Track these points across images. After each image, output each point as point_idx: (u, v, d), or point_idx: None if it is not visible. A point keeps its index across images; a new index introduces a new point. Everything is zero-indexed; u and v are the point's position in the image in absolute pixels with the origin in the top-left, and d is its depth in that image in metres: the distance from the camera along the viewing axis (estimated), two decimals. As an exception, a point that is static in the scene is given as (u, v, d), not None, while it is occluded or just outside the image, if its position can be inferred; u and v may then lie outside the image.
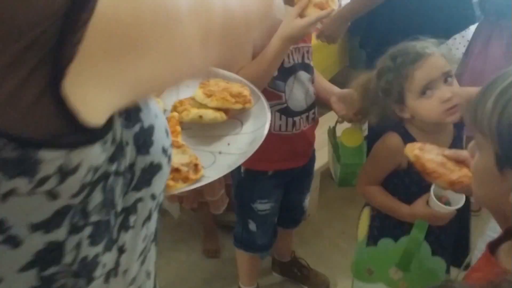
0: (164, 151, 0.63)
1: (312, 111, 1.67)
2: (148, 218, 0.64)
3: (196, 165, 0.93)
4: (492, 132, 0.76)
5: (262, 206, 1.75)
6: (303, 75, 1.59)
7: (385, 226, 1.50)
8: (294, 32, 1.31)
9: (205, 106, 1.09)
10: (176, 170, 0.91)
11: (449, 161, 1.15)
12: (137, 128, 0.57)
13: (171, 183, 0.89)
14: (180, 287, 2.24)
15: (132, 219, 0.61)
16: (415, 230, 1.17)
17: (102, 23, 0.41)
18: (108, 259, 0.58)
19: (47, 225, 0.48)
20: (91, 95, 0.44)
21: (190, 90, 1.13)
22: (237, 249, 1.95)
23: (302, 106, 1.62)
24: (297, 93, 1.59)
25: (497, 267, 0.80)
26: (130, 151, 0.56)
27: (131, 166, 0.57)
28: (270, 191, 1.74)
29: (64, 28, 0.40)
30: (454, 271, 1.49)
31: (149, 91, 0.53)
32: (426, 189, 1.29)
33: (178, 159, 0.93)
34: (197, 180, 0.92)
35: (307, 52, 1.60)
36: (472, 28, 2.50)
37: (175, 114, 1.06)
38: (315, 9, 1.29)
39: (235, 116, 1.11)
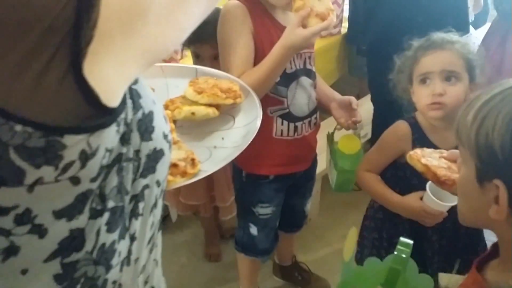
0: (165, 136, 0.63)
1: (314, 116, 1.68)
2: (155, 205, 0.65)
3: (193, 160, 0.95)
4: (471, 145, 0.76)
5: (263, 210, 1.75)
6: (305, 80, 1.60)
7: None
8: (297, 42, 1.32)
9: (196, 103, 1.10)
10: (174, 166, 0.92)
11: (451, 163, 1.13)
12: (139, 114, 0.57)
13: (170, 178, 0.90)
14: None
15: (141, 206, 0.61)
16: (400, 248, 1.17)
17: (114, 1, 0.42)
18: (122, 247, 0.58)
19: (70, 212, 0.48)
20: (109, 73, 0.44)
21: (180, 90, 1.15)
22: (237, 253, 1.94)
23: (305, 111, 1.62)
24: (300, 99, 1.60)
25: (483, 286, 0.80)
26: (135, 138, 0.57)
27: (137, 152, 0.58)
28: (272, 196, 1.74)
29: (80, 9, 0.40)
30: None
31: (160, 54, 0.52)
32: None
33: (175, 154, 0.94)
34: (195, 174, 0.93)
35: (309, 57, 1.61)
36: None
37: (168, 112, 1.07)
38: (317, 19, 1.30)
39: (226, 112, 1.13)
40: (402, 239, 1.27)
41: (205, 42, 1.70)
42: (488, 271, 0.83)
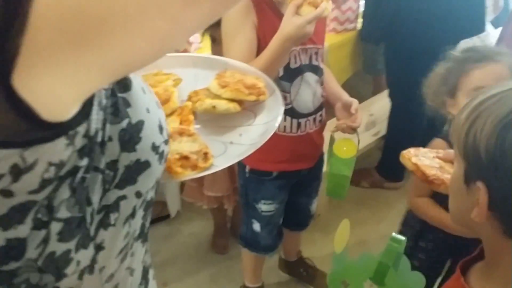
0: (155, 148, 0.61)
1: (320, 113, 1.66)
2: (132, 215, 0.63)
3: (206, 154, 0.93)
4: (460, 144, 0.76)
5: (266, 207, 1.75)
6: (310, 76, 1.58)
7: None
8: (292, 31, 1.30)
9: (219, 97, 1.09)
10: (185, 158, 0.91)
11: (446, 163, 1.12)
12: (124, 124, 0.56)
13: (179, 170, 0.90)
14: (187, 281, 2.26)
15: (113, 217, 0.59)
16: (391, 243, 1.15)
17: (50, 11, 0.38)
18: (83, 256, 0.57)
19: (4, 222, 0.47)
20: (54, 86, 0.41)
21: (208, 82, 1.13)
22: (242, 247, 1.96)
23: (309, 108, 1.61)
24: (304, 95, 1.58)
25: None
26: (112, 147, 0.55)
27: (114, 162, 0.56)
28: (275, 192, 1.74)
29: (4, 20, 0.38)
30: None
31: (135, 65, 0.48)
32: None
33: (188, 147, 0.94)
34: (206, 168, 0.92)
35: (316, 53, 1.59)
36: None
37: (189, 103, 1.07)
38: (310, 8, 1.29)
39: (249, 108, 1.11)
40: (394, 235, 1.25)
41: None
42: (472, 274, 0.83)
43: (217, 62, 1.22)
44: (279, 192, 1.75)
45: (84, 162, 0.51)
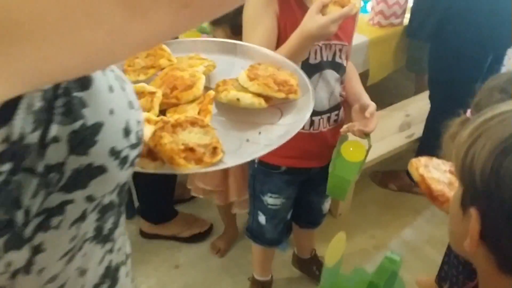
0: (114, 153, 0.58)
1: (335, 112, 1.60)
2: (81, 218, 0.60)
3: (215, 148, 0.87)
4: (459, 164, 0.70)
5: (273, 200, 1.72)
6: (330, 74, 1.52)
7: None
8: (314, 29, 1.24)
9: (246, 90, 1.03)
10: (190, 150, 0.85)
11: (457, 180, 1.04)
12: (76, 125, 0.53)
13: (182, 162, 0.84)
14: (198, 266, 2.26)
15: (55, 219, 0.57)
16: (385, 262, 1.09)
17: None
18: (15, 257, 0.55)
19: None
20: None
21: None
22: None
23: (324, 106, 1.55)
24: (320, 92, 1.52)
25: None
26: (57, 150, 0.52)
27: (60, 165, 0.53)
28: (282, 187, 1.70)
29: None
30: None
31: (54, 78, 0.45)
32: None
33: (197, 139, 0.88)
34: (211, 164, 0.85)
35: (340, 50, 1.51)
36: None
37: (211, 92, 1.02)
38: (336, 7, 1.22)
39: (277, 105, 1.03)
40: (390, 254, 1.19)
41: (219, 25, 1.65)
42: None
43: (260, 53, 1.16)
44: (286, 187, 1.71)
45: (6, 167, 0.49)
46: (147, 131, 0.89)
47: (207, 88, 1.04)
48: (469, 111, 1.18)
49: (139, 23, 0.39)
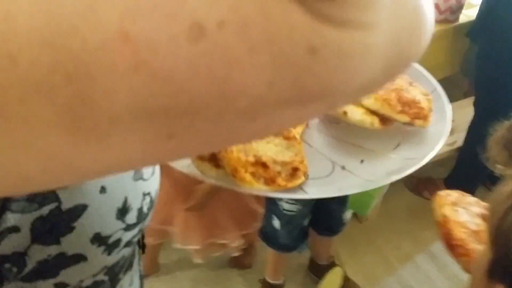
0: (98, 239, 0.48)
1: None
2: None
3: (295, 169, 0.67)
4: (493, 226, 0.57)
5: (289, 206, 1.64)
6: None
7: None
8: None
9: (360, 104, 0.80)
10: (262, 165, 0.67)
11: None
12: (45, 210, 0.44)
13: (247, 177, 0.65)
14: (213, 264, 2.16)
15: None
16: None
17: None
18: None
19: None
20: None
21: None
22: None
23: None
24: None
25: None
26: (15, 240, 0.44)
27: (20, 255, 0.45)
28: (299, 193, 1.58)
29: None
30: None
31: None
32: None
33: (276, 153, 0.70)
34: (285, 188, 0.65)
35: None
36: None
37: None
38: None
39: (396, 129, 0.81)
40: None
41: None
42: None
43: None
44: (304, 194, 1.59)
45: None
46: None
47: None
48: None
49: (95, 149, 0.25)
